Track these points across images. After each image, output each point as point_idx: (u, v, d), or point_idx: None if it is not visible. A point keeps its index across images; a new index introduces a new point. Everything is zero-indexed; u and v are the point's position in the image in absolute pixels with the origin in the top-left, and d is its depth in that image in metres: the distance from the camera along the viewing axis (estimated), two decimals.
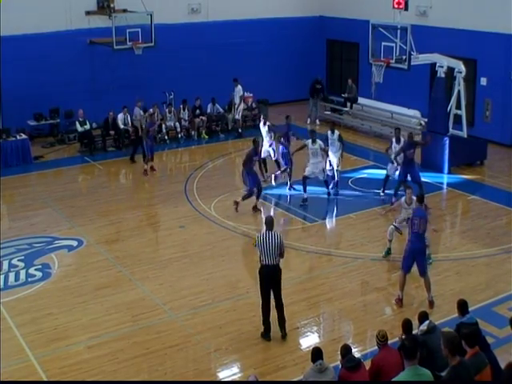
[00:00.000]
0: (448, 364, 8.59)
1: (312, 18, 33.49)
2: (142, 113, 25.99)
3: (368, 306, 14.79)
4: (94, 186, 22.63)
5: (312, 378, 9.93)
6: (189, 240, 18.10)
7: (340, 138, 21.47)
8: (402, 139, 20.59)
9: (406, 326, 10.62)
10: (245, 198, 19.93)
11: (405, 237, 18.07)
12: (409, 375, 8.35)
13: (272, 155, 22.82)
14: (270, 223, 13.42)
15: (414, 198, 15.62)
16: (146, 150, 23.54)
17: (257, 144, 20.60)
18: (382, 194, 21.00)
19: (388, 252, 17.01)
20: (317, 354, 10.03)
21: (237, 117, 28.65)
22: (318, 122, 30.02)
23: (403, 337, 10.50)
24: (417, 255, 14.47)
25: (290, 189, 21.63)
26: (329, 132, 21.50)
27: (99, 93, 27.43)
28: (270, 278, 13.11)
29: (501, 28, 24.71)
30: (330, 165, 21.32)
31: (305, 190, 20.47)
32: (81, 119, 25.99)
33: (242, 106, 28.84)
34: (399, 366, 9.70)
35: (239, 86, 28.43)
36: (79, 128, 26.01)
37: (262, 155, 22.19)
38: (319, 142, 20.67)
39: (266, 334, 13.26)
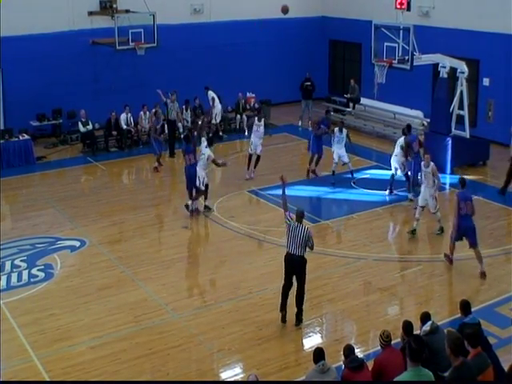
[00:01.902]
0: (451, 364, 8.59)
1: (314, 18, 33.48)
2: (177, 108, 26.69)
3: (371, 306, 14.78)
4: (97, 187, 22.64)
5: (314, 379, 9.92)
6: (192, 240, 18.12)
7: (348, 137, 22.37)
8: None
9: (407, 327, 10.60)
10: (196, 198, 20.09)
11: (403, 236, 18.14)
12: (411, 376, 8.34)
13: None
14: (300, 215, 13.80)
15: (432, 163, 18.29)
16: (157, 147, 24.00)
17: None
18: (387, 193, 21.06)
19: (413, 232, 18.21)
20: (319, 354, 10.03)
21: (213, 121, 28.12)
22: (310, 123, 29.94)
23: (405, 337, 10.49)
24: (466, 233, 16.02)
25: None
26: (336, 130, 21.87)
27: (102, 93, 27.43)
28: (292, 267, 13.64)
29: (504, 28, 24.67)
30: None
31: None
32: (83, 120, 26.02)
33: (219, 109, 28.25)
34: (402, 366, 9.70)
35: (210, 92, 28.03)
36: (81, 129, 26.04)
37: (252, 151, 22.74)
38: (345, 130, 22.27)
39: (282, 318, 13.80)
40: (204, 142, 20.22)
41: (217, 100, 27.91)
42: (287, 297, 13.76)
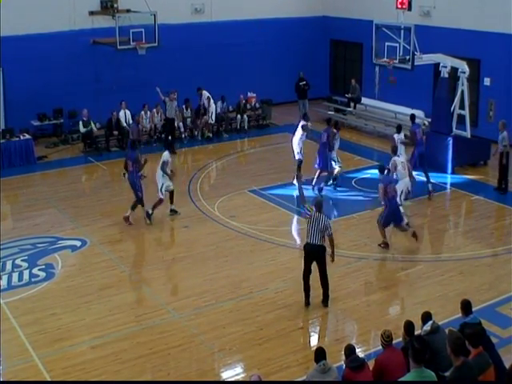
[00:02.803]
0: (451, 364, 8.58)
1: (315, 18, 33.47)
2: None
3: (371, 306, 14.77)
4: (98, 187, 22.65)
5: (315, 379, 9.92)
6: (192, 240, 18.10)
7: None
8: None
9: (408, 327, 10.60)
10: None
11: (404, 236, 18.15)
12: (414, 377, 8.31)
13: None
14: (319, 205, 14.39)
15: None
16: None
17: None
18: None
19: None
20: (320, 354, 10.03)
21: (210, 121, 28.23)
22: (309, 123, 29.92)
23: (406, 337, 10.48)
24: (395, 215, 17.22)
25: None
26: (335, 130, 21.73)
27: (102, 93, 27.42)
28: (311, 256, 14.37)
29: (504, 28, 24.66)
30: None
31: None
32: (85, 119, 26.04)
33: (213, 108, 28.22)
34: (403, 366, 9.71)
35: (204, 92, 28.14)
36: (82, 129, 26.04)
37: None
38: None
39: (305, 300, 14.54)
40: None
41: (211, 100, 27.97)
42: (308, 282, 14.46)
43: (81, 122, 26.19)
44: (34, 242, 17.84)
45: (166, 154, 19.47)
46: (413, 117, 22.18)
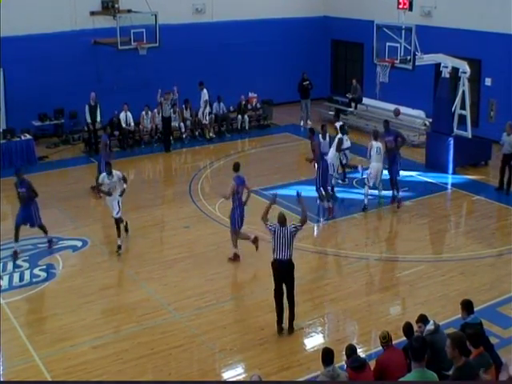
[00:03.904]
0: (453, 363, 8.59)
1: (316, 18, 33.47)
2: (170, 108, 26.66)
3: (372, 306, 14.78)
4: None
5: None
6: (193, 240, 18.11)
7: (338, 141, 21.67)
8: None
9: (407, 329, 10.60)
10: None
11: (405, 236, 18.17)
12: (415, 377, 8.31)
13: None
14: (282, 218, 13.83)
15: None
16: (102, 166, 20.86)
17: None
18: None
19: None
20: (328, 356, 9.85)
21: (204, 121, 28.23)
22: (309, 122, 29.95)
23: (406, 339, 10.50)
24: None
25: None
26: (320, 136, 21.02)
27: (103, 93, 27.40)
28: (281, 272, 13.60)
29: (505, 28, 24.65)
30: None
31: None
32: (92, 103, 25.78)
33: (208, 109, 28.18)
34: (404, 366, 9.73)
35: (204, 90, 28.10)
36: (88, 118, 25.87)
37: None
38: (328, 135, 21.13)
39: (278, 327, 13.58)
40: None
41: (208, 102, 28.08)
42: (282, 303, 13.57)
43: (87, 108, 25.83)
44: (35, 242, 17.86)
45: (102, 176, 18.17)
46: (386, 124, 21.02)
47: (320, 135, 20.34)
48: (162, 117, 26.40)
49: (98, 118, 26.01)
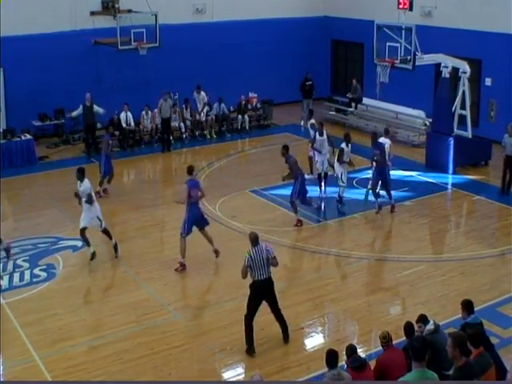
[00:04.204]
0: (453, 363, 8.59)
1: (317, 18, 33.47)
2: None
3: (373, 306, 14.78)
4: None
5: None
6: (194, 240, 18.07)
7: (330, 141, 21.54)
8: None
9: (408, 329, 10.59)
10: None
11: (405, 236, 18.18)
12: (416, 377, 8.31)
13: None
14: (254, 239, 13.04)
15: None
16: (104, 166, 21.55)
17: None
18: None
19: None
20: (333, 358, 9.79)
21: (202, 119, 28.43)
22: (310, 122, 29.99)
23: (407, 339, 10.49)
24: (199, 221, 16.59)
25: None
26: (316, 134, 21.04)
27: (104, 93, 27.41)
28: (263, 293, 12.99)
29: (506, 28, 24.66)
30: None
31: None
32: (88, 104, 25.34)
33: (206, 108, 28.32)
34: (404, 366, 9.73)
35: (202, 93, 28.34)
36: (75, 113, 25.62)
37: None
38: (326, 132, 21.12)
39: (250, 349, 12.92)
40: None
41: (206, 104, 28.48)
42: (253, 329, 13.03)
43: (81, 107, 25.43)
44: (35, 242, 17.86)
45: (84, 184, 17.36)
46: (373, 136, 20.38)
47: (317, 132, 20.67)
48: (162, 118, 26.40)
49: (101, 110, 25.64)
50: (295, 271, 16.41)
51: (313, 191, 20.34)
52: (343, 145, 20.06)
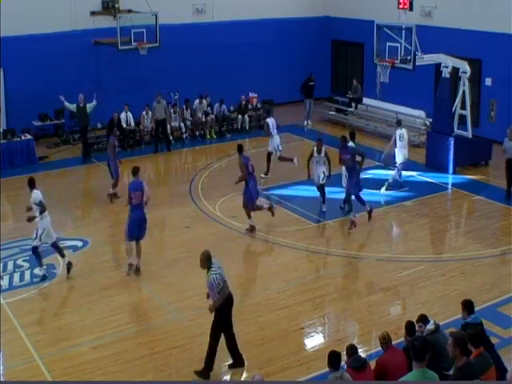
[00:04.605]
0: (453, 363, 8.59)
1: (317, 18, 33.48)
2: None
3: (373, 306, 14.77)
4: (99, 187, 22.58)
5: None
6: (194, 240, 18.08)
7: (327, 157, 19.86)
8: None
9: (410, 327, 10.59)
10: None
11: (405, 236, 18.17)
12: (416, 377, 8.31)
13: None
14: (208, 258, 12.17)
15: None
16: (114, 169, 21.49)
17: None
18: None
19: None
20: (335, 359, 9.73)
21: (201, 120, 28.44)
22: (309, 122, 30.10)
23: (408, 338, 10.47)
24: (139, 225, 15.98)
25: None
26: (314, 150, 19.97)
27: (104, 93, 27.42)
28: (231, 306, 12.35)
29: (506, 28, 24.66)
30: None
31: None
32: (81, 105, 25.14)
33: (204, 107, 28.33)
34: (404, 366, 9.72)
35: (204, 102, 28.54)
36: (70, 106, 25.35)
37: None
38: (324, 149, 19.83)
39: (210, 366, 12.27)
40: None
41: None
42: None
43: (75, 107, 25.24)
44: None
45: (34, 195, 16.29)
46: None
47: (315, 148, 19.68)
48: (157, 119, 26.42)
49: (93, 103, 25.21)
50: (295, 271, 16.39)
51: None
52: (351, 143, 19.71)
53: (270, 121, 23.36)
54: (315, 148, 19.76)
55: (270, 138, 23.20)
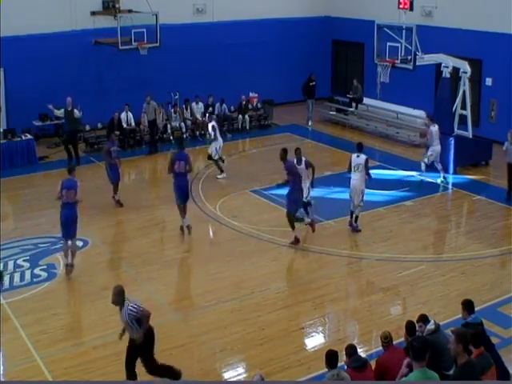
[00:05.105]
0: (453, 363, 8.59)
1: (317, 18, 33.47)
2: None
3: (373, 306, 14.77)
4: (99, 186, 22.53)
5: None
6: (194, 240, 18.09)
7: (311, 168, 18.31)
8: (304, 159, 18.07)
9: (410, 327, 10.59)
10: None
11: (406, 236, 18.18)
12: (417, 377, 8.31)
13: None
14: (120, 293, 11.76)
15: None
16: (112, 175, 20.96)
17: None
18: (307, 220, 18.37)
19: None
20: (332, 359, 9.76)
21: (200, 119, 28.34)
22: (310, 122, 30.11)
23: (408, 337, 10.47)
24: (66, 223, 15.76)
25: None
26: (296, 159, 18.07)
27: (104, 93, 27.45)
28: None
29: (506, 28, 24.66)
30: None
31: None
32: (69, 109, 24.60)
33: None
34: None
35: (200, 104, 28.53)
36: (58, 112, 25.05)
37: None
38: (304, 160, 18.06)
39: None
40: None
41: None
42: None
43: (62, 110, 24.78)
44: (36, 242, 17.83)
45: None
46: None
47: (295, 160, 17.86)
48: (148, 121, 26.40)
49: (79, 114, 24.85)
50: (295, 271, 16.41)
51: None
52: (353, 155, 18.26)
53: (213, 125, 23.18)
54: (294, 159, 17.89)
55: (213, 141, 22.97)
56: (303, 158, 17.86)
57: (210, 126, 23.27)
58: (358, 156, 17.94)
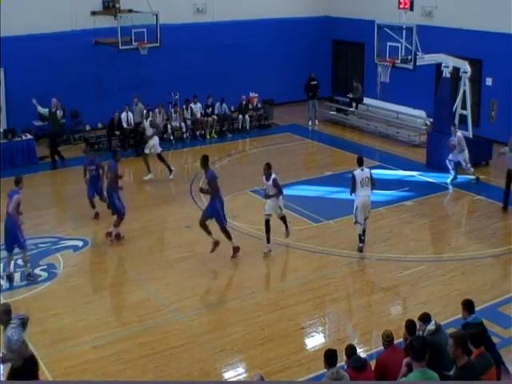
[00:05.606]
0: (454, 363, 8.58)
1: (318, 18, 33.47)
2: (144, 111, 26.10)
3: (373, 306, 14.78)
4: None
5: None
6: (194, 240, 18.07)
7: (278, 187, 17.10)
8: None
9: (411, 326, 10.58)
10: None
11: (406, 236, 18.17)
12: (417, 377, 8.31)
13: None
14: (6, 312, 10.35)
15: None
16: (90, 192, 19.74)
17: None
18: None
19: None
20: (331, 358, 9.73)
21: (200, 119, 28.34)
22: (316, 122, 30.11)
23: (408, 337, 10.46)
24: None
25: None
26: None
27: (105, 93, 27.45)
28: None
29: (506, 28, 24.63)
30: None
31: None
32: (53, 110, 24.50)
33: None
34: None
35: (199, 104, 28.43)
36: (41, 110, 24.75)
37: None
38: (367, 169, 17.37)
39: None
40: None
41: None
42: None
43: (47, 110, 24.61)
44: (36, 242, 17.80)
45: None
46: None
47: (264, 177, 17.03)
48: (135, 122, 26.31)
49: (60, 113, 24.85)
50: (295, 271, 16.39)
51: None
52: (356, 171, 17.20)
53: (148, 124, 23.34)
54: (263, 176, 17.07)
55: (149, 140, 23.01)
56: (273, 175, 16.78)
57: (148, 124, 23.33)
58: (362, 170, 16.97)
